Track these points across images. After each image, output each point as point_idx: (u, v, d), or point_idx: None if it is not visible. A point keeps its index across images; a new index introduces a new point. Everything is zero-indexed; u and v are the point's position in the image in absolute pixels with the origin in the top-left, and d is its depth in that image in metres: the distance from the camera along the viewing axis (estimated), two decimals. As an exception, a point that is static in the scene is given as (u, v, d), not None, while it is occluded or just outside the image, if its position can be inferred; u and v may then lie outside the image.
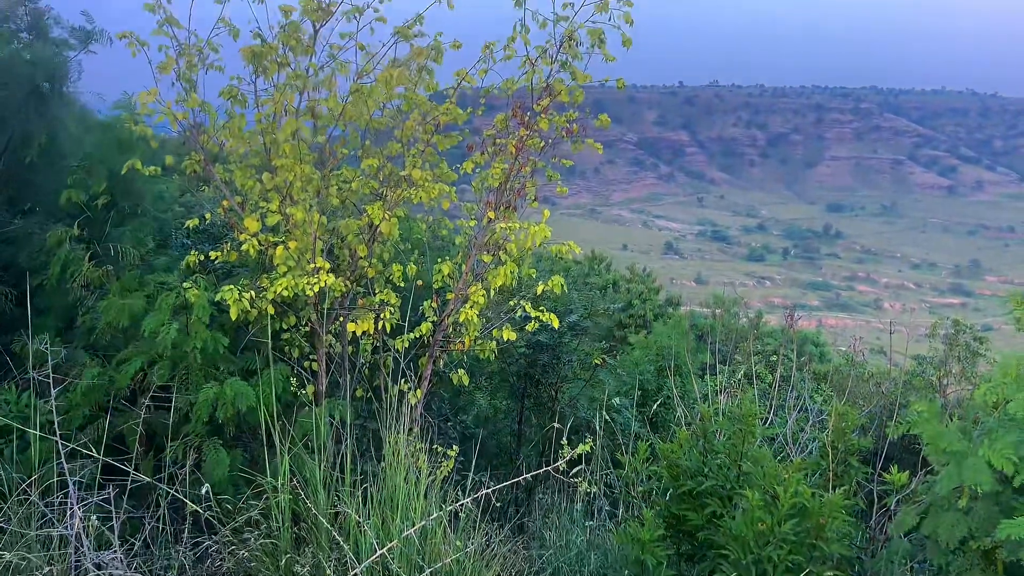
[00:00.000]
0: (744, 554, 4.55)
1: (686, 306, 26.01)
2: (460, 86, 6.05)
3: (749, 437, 5.15)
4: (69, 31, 6.89)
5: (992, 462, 4.49)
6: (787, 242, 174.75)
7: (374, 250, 6.06)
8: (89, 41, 6.89)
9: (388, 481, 4.50)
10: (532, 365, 9.68)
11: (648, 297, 22.32)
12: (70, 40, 6.94)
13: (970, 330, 10.89)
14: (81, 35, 6.94)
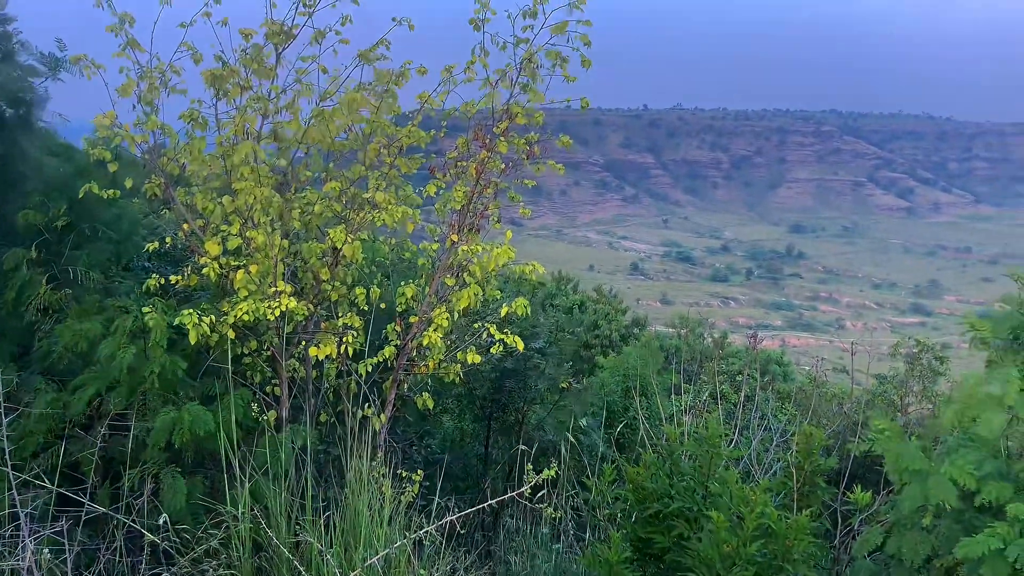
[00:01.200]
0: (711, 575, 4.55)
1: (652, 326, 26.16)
2: (423, 109, 6.06)
3: (715, 459, 5.17)
4: (37, 57, 6.79)
5: (955, 478, 4.54)
6: (751, 263, 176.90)
7: (337, 273, 6.00)
8: (58, 69, 6.80)
9: (351, 508, 4.43)
10: (499, 388, 9.64)
11: (614, 318, 22.42)
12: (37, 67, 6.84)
13: (931, 349, 11.05)
14: (51, 62, 6.85)
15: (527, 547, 5.98)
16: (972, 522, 4.67)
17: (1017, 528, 4.32)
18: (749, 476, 6.79)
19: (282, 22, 5.68)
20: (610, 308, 23.39)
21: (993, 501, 4.46)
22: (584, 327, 20.16)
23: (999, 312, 5.32)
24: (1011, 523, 4.33)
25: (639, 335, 21.91)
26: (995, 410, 4.51)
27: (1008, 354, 5.02)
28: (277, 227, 5.76)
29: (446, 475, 8.56)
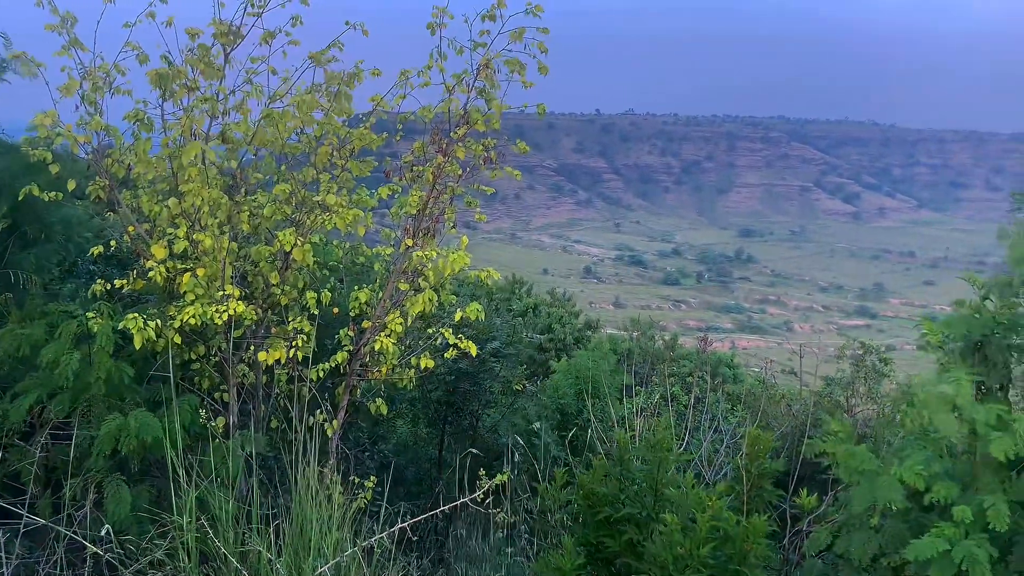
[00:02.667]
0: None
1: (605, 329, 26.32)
2: (377, 112, 6.02)
3: (665, 463, 5.21)
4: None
5: (904, 479, 4.64)
6: (701, 266, 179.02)
7: (287, 277, 5.92)
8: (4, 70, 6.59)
9: (301, 516, 4.37)
10: (453, 391, 9.61)
11: (568, 321, 22.49)
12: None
13: (876, 351, 11.31)
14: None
15: (479, 553, 5.96)
16: (919, 521, 4.78)
17: (963, 529, 4.43)
18: (700, 478, 6.87)
19: (230, 22, 5.59)
20: (564, 311, 23.46)
21: (942, 500, 4.57)
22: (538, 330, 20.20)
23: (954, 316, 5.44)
24: (957, 524, 4.44)
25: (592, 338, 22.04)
26: (949, 412, 4.62)
27: (960, 357, 5.13)
28: (226, 230, 5.67)
29: (400, 480, 8.52)
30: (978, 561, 4.29)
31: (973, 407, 4.51)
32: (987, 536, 4.38)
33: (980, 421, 4.49)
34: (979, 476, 4.71)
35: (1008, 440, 4.37)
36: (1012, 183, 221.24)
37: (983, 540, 4.37)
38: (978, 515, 4.42)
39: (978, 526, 4.42)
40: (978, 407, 4.52)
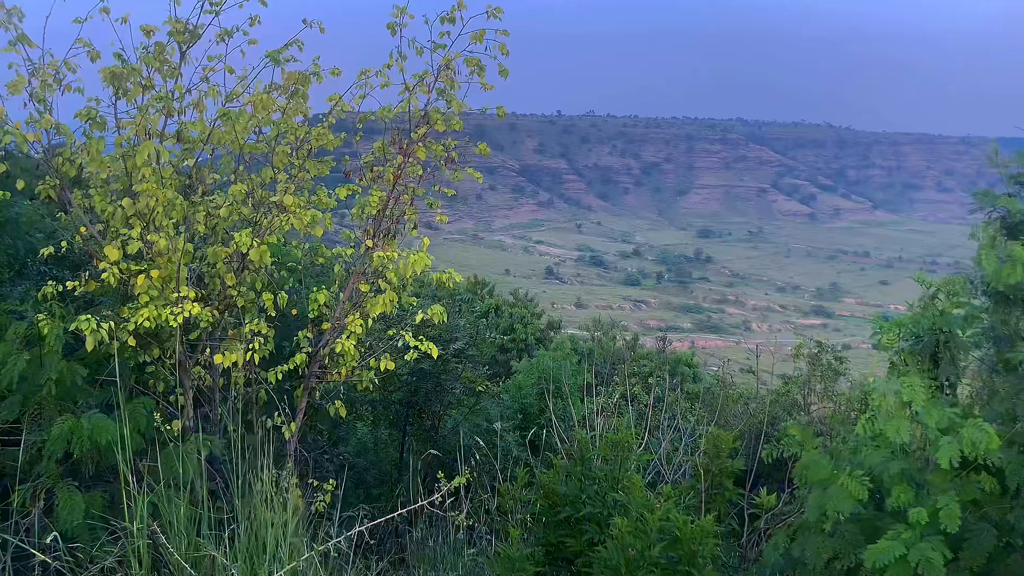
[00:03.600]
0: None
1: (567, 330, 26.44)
2: (337, 111, 5.96)
3: (624, 463, 5.24)
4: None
5: (851, 490, 4.72)
6: (661, 267, 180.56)
7: (244, 278, 5.84)
8: None
9: (257, 520, 4.31)
10: (415, 393, 9.58)
11: (530, 321, 22.54)
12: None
13: (831, 350, 11.51)
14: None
15: (439, 554, 5.93)
16: (872, 522, 4.87)
17: (918, 532, 4.52)
18: (659, 477, 6.92)
19: (186, 20, 5.50)
20: (526, 312, 23.51)
21: (901, 505, 4.66)
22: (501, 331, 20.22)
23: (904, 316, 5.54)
24: (912, 527, 4.52)
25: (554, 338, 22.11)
26: (903, 416, 4.70)
27: (912, 357, 5.23)
28: (181, 231, 5.58)
29: (360, 482, 8.45)
30: (933, 565, 4.38)
31: (927, 411, 4.59)
32: (941, 537, 4.47)
33: (932, 426, 4.58)
34: (932, 477, 4.81)
35: (955, 447, 4.46)
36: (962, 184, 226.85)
37: (938, 542, 4.46)
38: (931, 516, 4.51)
39: (932, 527, 4.51)
40: (931, 411, 4.60)
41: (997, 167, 5.19)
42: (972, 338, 5.24)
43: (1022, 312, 5.05)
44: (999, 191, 5.23)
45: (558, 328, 25.35)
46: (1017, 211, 5.02)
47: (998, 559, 4.64)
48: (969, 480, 4.72)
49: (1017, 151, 5.07)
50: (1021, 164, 5.08)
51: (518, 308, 23.66)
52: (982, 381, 5.24)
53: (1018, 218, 5.01)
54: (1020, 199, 5.06)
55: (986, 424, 4.52)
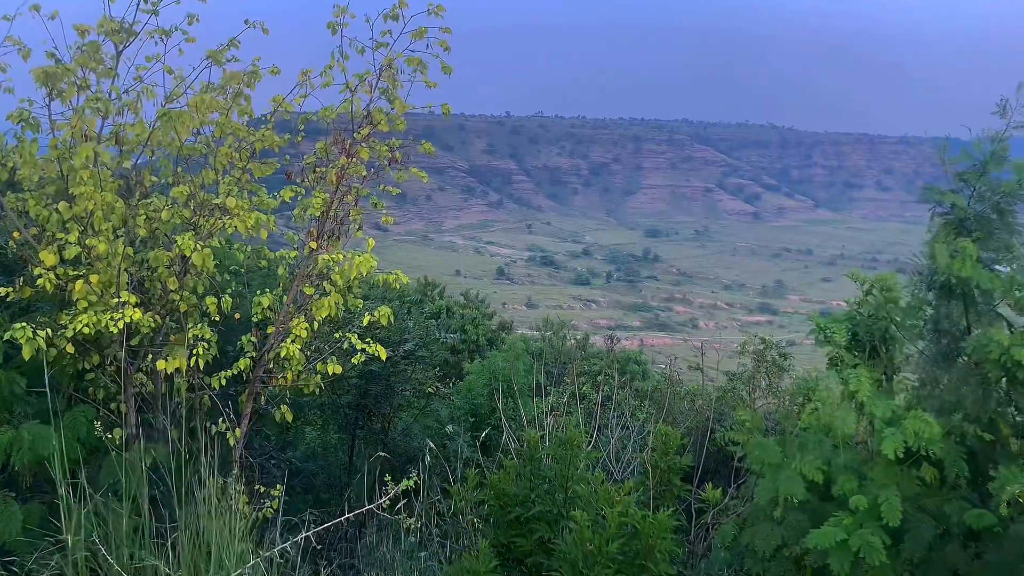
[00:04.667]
0: (574, 575, 4.63)
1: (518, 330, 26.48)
2: (279, 112, 5.89)
3: (574, 461, 5.27)
4: None
5: (804, 473, 4.82)
6: (610, 266, 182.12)
7: (186, 282, 5.73)
8: None
9: (201, 528, 4.24)
10: (364, 396, 9.50)
11: (481, 322, 22.53)
12: None
13: (776, 346, 11.71)
14: None
15: (390, 558, 5.89)
16: (818, 511, 4.98)
17: (859, 519, 4.64)
18: (608, 475, 6.98)
19: (122, 19, 5.38)
20: (477, 313, 23.49)
21: (845, 493, 4.77)
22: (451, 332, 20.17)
23: (840, 312, 5.68)
24: (854, 513, 4.64)
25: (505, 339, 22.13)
26: (849, 408, 4.82)
27: (847, 350, 5.36)
28: (121, 234, 5.45)
29: (309, 487, 8.35)
30: (874, 548, 4.51)
31: (873, 403, 4.72)
32: (881, 524, 4.60)
33: (878, 417, 4.71)
34: (874, 468, 4.94)
35: (899, 438, 4.59)
36: (901, 183, 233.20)
37: (878, 528, 4.59)
38: (873, 505, 4.64)
39: (873, 515, 4.63)
40: (877, 403, 4.73)
41: (944, 165, 5.34)
42: (913, 331, 5.39)
43: (964, 306, 5.21)
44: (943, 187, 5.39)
45: (509, 329, 25.36)
46: (962, 208, 5.17)
47: (936, 549, 4.79)
48: (910, 474, 4.86)
49: (963, 150, 5.24)
50: (966, 162, 5.24)
51: (469, 309, 23.65)
52: (923, 373, 5.39)
53: (964, 215, 5.17)
54: (964, 196, 5.23)
55: (928, 415, 4.66)
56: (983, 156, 5.16)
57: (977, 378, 4.86)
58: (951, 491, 4.97)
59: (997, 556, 4.61)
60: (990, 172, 5.18)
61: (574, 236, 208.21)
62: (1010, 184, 5.12)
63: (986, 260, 5.14)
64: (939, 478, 4.90)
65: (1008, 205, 5.16)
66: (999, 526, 4.59)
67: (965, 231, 5.12)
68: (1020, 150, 5.20)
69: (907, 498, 4.76)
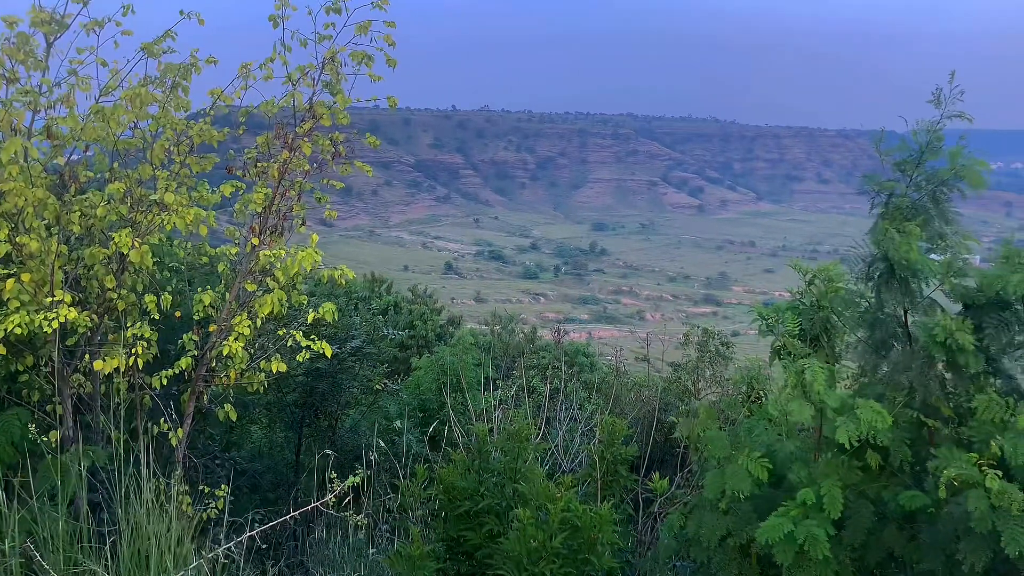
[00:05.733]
0: (519, 571, 4.65)
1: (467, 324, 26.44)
2: (219, 106, 5.77)
3: (522, 453, 5.29)
4: None
5: (750, 470, 4.91)
6: (558, 260, 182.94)
7: (125, 281, 5.59)
8: None
9: (141, 531, 4.15)
10: (310, 393, 9.39)
11: (430, 317, 22.43)
12: None
13: (718, 336, 11.92)
14: None
15: (338, 555, 5.85)
16: (765, 499, 5.08)
17: (805, 510, 4.74)
18: (557, 467, 7.03)
19: (52, 10, 5.22)
20: (425, 308, 23.37)
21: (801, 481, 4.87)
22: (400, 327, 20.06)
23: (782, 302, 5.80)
24: (800, 506, 4.75)
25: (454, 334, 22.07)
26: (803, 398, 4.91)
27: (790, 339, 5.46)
28: (54, 232, 5.30)
29: (256, 487, 8.23)
30: (818, 541, 4.61)
31: (826, 393, 4.82)
32: (826, 515, 4.71)
33: (831, 407, 4.81)
34: (820, 458, 5.06)
35: (852, 425, 4.70)
36: (840, 175, 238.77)
37: (824, 519, 4.70)
38: (819, 496, 4.75)
39: (818, 506, 4.75)
40: (830, 393, 4.83)
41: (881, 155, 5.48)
42: (851, 320, 5.53)
43: (900, 293, 5.34)
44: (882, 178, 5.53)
45: (458, 323, 25.30)
46: (900, 196, 5.32)
47: (874, 533, 4.94)
48: (852, 463, 4.98)
49: (900, 141, 5.38)
50: (903, 152, 5.38)
51: (417, 304, 23.51)
52: (863, 361, 5.52)
53: (902, 203, 5.31)
54: (902, 185, 5.37)
55: (879, 404, 4.79)
56: (919, 146, 5.31)
57: (919, 363, 5.01)
58: (891, 477, 5.12)
59: (931, 536, 4.76)
60: (926, 161, 5.34)
61: (522, 230, 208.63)
62: (945, 172, 5.29)
63: (923, 248, 5.30)
64: (881, 464, 5.04)
65: (943, 193, 5.32)
66: (933, 507, 4.74)
67: (904, 219, 5.27)
68: (953, 140, 5.37)
69: (849, 485, 4.88)
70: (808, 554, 4.64)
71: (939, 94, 5.18)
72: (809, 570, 4.69)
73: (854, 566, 4.97)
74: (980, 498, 4.35)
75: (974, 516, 4.34)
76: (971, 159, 5.23)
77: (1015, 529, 4.26)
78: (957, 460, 4.53)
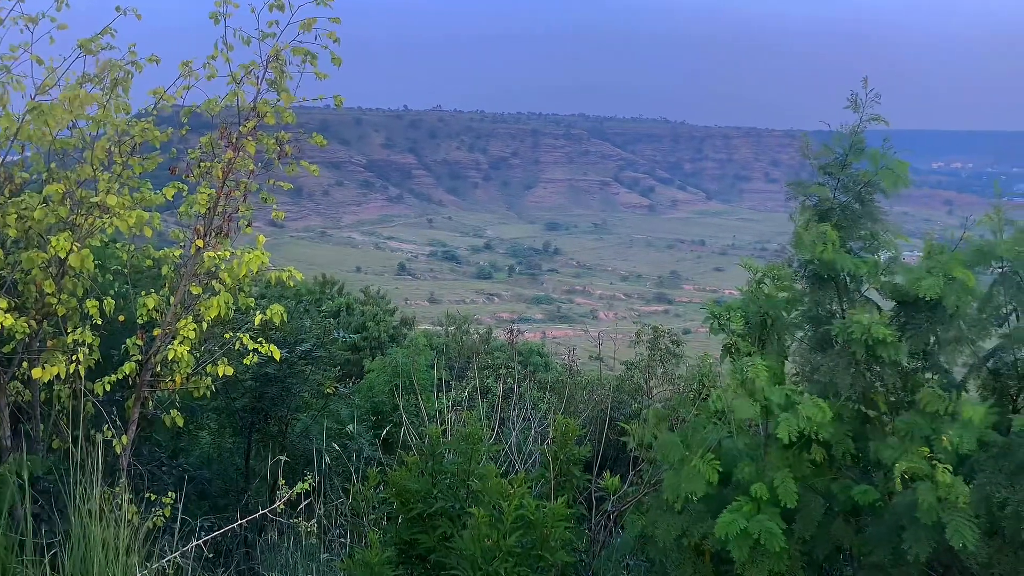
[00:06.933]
0: (474, 571, 4.63)
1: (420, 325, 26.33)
2: (161, 105, 5.64)
3: (475, 455, 5.27)
4: None
5: (701, 471, 4.96)
6: (512, 260, 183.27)
7: (64, 285, 5.43)
8: None
9: (84, 542, 4.03)
10: (260, 398, 9.25)
11: (383, 319, 22.28)
12: None
13: (669, 334, 12.06)
14: None
15: (291, 560, 5.77)
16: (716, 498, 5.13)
17: (756, 504, 4.80)
18: (511, 468, 7.02)
19: (-18, 6, 5.05)
20: (378, 309, 23.21)
21: (744, 480, 4.93)
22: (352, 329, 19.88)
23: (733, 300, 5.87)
24: (753, 501, 4.81)
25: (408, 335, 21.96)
26: (749, 396, 4.97)
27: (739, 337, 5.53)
28: (-10, 235, 5.12)
29: (204, 493, 8.08)
30: (773, 535, 4.68)
31: (769, 389, 4.89)
32: (778, 509, 4.78)
33: (774, 403, 4.88)
34: (769, 453, 5.13)
35: (793, 422, 4.78)
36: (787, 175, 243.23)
37: (776, 513, 4.77)
38: (771, 489, 4.82)
39: (770, 500, 4.81)
40: (773, 389, 4.90)
41: (808, 158, 5.59)
42: (795, 319, 5.63)
43: (835, 292, 5.47)
44: (814, 180, 5.65)
45: (412, 324, 25.18)
46: (825, 199, 5.44)
47: (823, 525, 5.03)
48: (801, 456, 5.07)
49: (824, 145, 5.50)
50: (828, 156, 5.49)
51: (370, 306, 23.34)
52: (804, 359, 5.62)
53: (826, 205, 5.43)
54: (828, 187, 5.49)
55: (820, 400, 4.87)
56: (843, 149, 5.44)
57: (847, 359, 5.11)
58: (838, 470, 5.22)
59: (877, 529, 4.86)
60: (851, 164, 5.46)
61: (475, 230, 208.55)
62: (868, 174, 5.42)
63: (855, 249, 5.42)
64: (827, 458, 5.13)
65: (868, 194, 5.46)
66: (880, 501, 4.85)
67: (828, 220, 5.38)
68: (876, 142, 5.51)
69: (798, 479, 4.96)
70: (763, 548, 4.70)
71: (855, 99, 5.30)
72: (763, 564, 4.75)
73: (803, 560, 5.05)
74: (929, 491, 4.45)
75: (921, 508, 4.44)
76: (892, 160, 5.37)
77: (960, 521, 4.37)
78: (908, 453, 4.63)
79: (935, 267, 4.98)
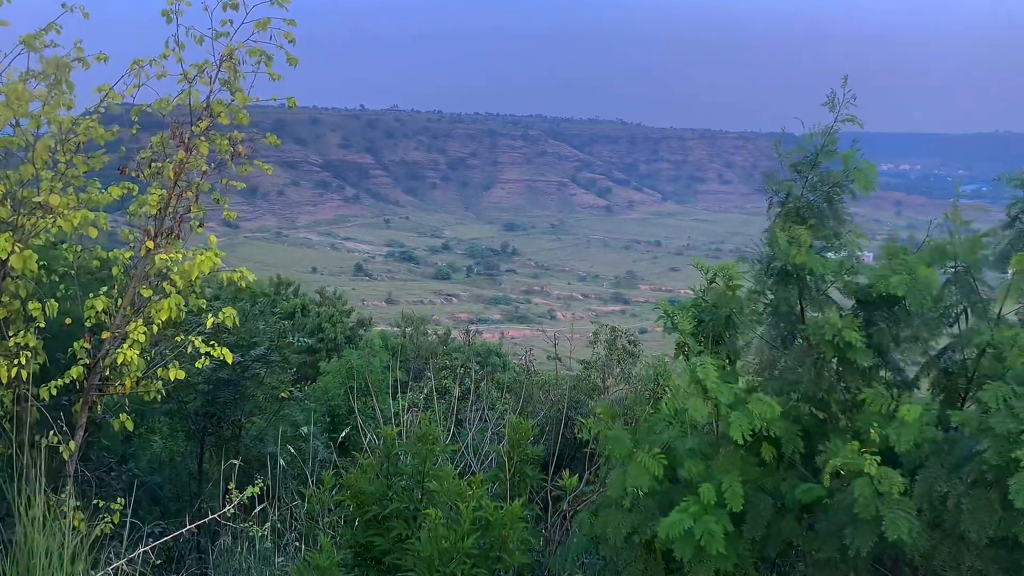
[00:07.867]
0: (430, 573, 4.62)
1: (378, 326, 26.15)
2: (109, 103, 5.52)
3: (431, 456, 5.26)
4: None
5: (647, 466, 5.00)
6: (470, 260, 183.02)
7: (6, 287, 5.29)
8: None
9: (28, 550, 3.93)
10: (212, 401, 9.11)
11: (339, 320, 22.09)
12: None
13: (625, 334, 12.16)
14: None
15: (245, 565, 5.70)
16: (668, 495, 5.18)
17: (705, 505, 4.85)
18: (468, 468, 7.02)
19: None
20: (334, 310, 23.00)
21: (693, 478, 4.98)
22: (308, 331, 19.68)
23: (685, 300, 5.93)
24: (700, 501, 4.85)
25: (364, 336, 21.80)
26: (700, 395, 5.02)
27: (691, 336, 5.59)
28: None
29: (156, 498, 7.93)
30: (714, 536, 4.74)
31: (718, 388, 4.94)
32: (726, 511, 4.84)
33: (723, 402, 4.94)
34: (720, 452, 5.19)
35: (745, 421, 4.84)
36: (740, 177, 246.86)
37: (723, 515, 4.82)
38: (719, 492, 4.87)
39: (719, 502, 4.87)
40: (722, 388, 4.96)
41: (780, 157, 5.67)
42: (754, 316, 5.70)
43: (800, 291, 5.54)
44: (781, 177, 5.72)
45: (368, 325, 25.01)
46: (796, 196, 5.52)
47: (773, 525, 5.10)
48: (751, 457, 5.13)
49: (797, 143, 5.58)
50: (799, 154, 5.57)
51: (326, 307, 23.12)
52: (763, 356, 5.70)
53: (798, 203, 5.51)
54: (798, 185, 5.57)
55: (768, 397, 4.94)
56: (815, 149, 5.53)
57: (811, 358, 5.20)
58: (788, 469, 5.30)
59: (825, 525, 4.95)
60: (821, 164, 5.56)
61: (433, 231, 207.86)
62: (838, 175, 5.51)
63: (818, 247, 5.51)
64: (777, 456, 5.21)
65: (836, 195, 5.55)
66: (827, 498, 4.94)
67: (800, 219, 5.47)
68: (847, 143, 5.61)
69: (749, 480, 5.02)
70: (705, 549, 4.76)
71: (832, 98, 5.39)
72: (708, 564, 4.81)
73: (755, 557, 5.12)
74: (866, 485, 4.54)
75: (859, 502, 4.53)
76: (862, 162, 5.48)
77: (896, 513, 4.46)
78: (842, 450, 4.72)
79: (899, 266, 5.09)
